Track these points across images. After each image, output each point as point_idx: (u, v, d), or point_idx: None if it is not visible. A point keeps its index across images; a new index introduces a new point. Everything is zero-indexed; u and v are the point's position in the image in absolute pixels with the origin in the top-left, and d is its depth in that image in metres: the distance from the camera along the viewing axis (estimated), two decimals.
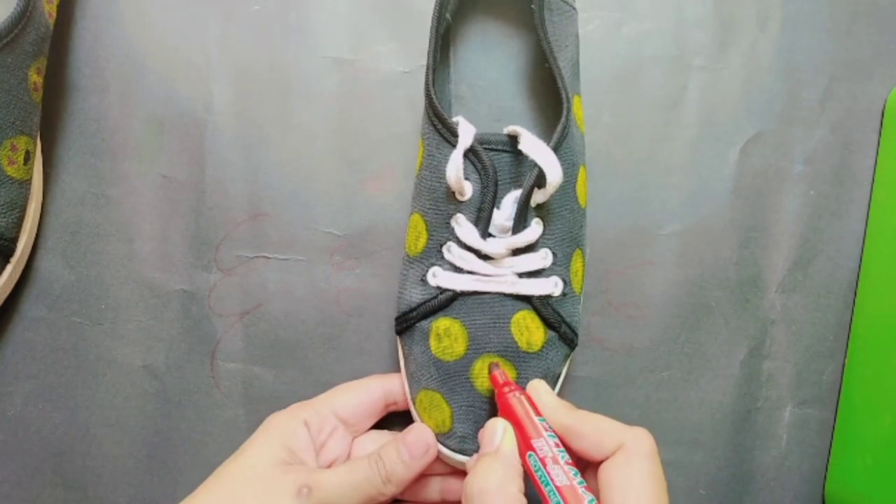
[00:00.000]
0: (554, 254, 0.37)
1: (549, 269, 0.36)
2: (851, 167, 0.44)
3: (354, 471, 0.34)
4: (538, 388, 0.34)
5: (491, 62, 0.42)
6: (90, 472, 0.41)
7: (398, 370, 0.42)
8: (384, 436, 0.39)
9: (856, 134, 0.44)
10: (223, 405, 0.42)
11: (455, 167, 0.34)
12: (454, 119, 0.36)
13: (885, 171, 0.43)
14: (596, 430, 0.32)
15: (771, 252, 0.43)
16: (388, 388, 0.39)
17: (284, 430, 0.36)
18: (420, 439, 0.35)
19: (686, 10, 0.44)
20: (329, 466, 0.37)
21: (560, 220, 0.37)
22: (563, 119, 0.36)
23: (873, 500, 0.39)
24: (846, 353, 0.43)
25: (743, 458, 0.43)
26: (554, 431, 0.32)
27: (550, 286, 0.36)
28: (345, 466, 0.35)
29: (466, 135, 0.34)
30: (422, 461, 0.35)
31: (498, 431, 0.32)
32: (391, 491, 0.34)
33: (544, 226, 0.36)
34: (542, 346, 0.37)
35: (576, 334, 0.38)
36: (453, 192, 0.35)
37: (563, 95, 0.36)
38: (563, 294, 0.37)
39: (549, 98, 0.41)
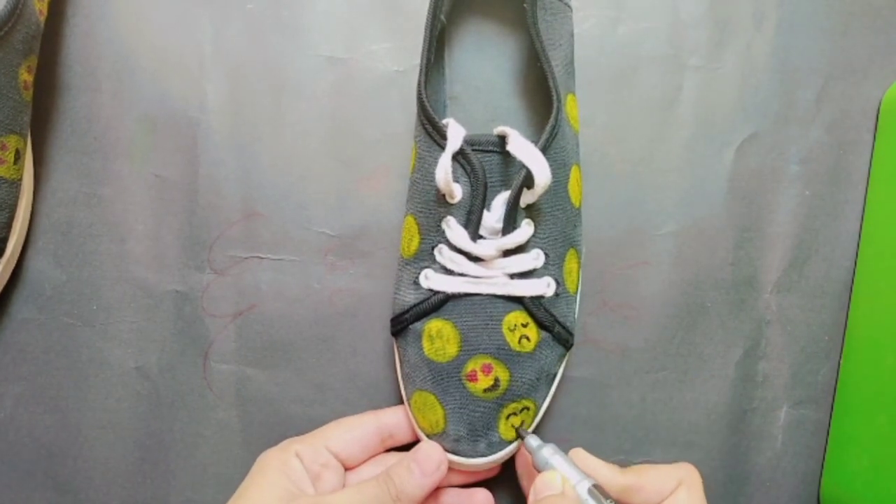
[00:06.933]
0: (546, 254, 0.36)
1: (541, 269, 0.36)
2: (847, 167, 0.44)
3: (363, 491, 0.34)
4: (581, 454, 0.36)
5: (485, 62, 0.42)
6: (82, 474, 0.41)
7: (392, 370, 0.41)
8: (379, 466, 0.38)
9: (851, 134, 0.44)
10: (216, 406, 0.42)
11: (444, 170, 0.34)
12: (445, 121, 0.36)
13: (880, 171, 0.43)
14: (655, 479, 0.35)
15: (766, 252, 0.43)
16: (382, 422, 0.38)
17: (279, 463, 0.35)
18: (431, 456, 0.35)
19: (682, 10, 0.44)
20: None
21: (551, 221, 0.37)
22: (551, 119, 0.36)
23: (869, 501, 0.39)
24: (841, 353, 0.43)
25: (738, 459, 0.43)
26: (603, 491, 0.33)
27: (542, 287, 0.36)
28: (353, 488, 0.35)
29: (455, 137, 0.34)
30: (433, 478, 0.35)
31: (556, 479, 0.33)
32: None
33: (535, 226, 0.36)
34: (536, 347, 0.36)
35: (571, 334, 0.38)
36: (443, 195, 0.35)
37: (554, 95, 0.36)
38: (556, 294, 0.37)
39: (544, 97, 0.41)
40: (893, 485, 0.37)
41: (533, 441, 0.35)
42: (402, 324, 0.37)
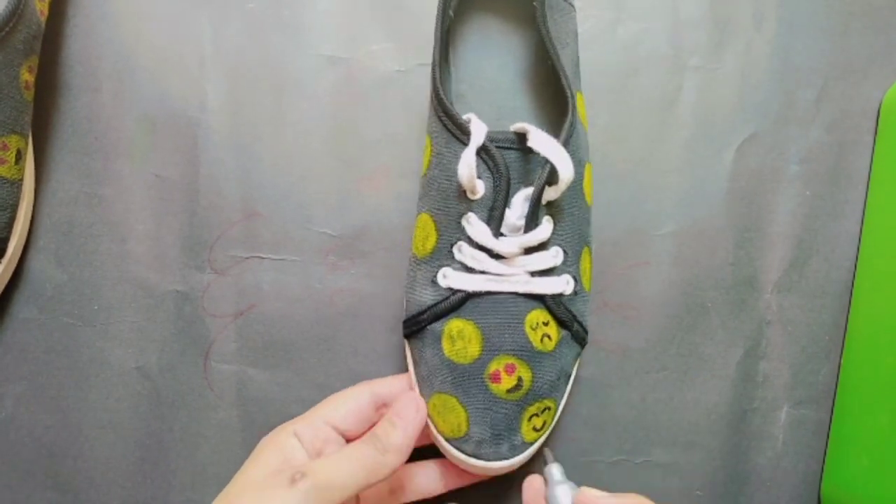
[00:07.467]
0: (565, 252, 0.36)
1: (561, 267, 0.36)
2: (847, 167, 0.44)
3: (350, 449, 0.34)
4: (592, 495, 0.34)
5: (491, 61, 0.42)
6: (82, 474, 0.41)
7: (394, 370, 0.41)
8: None
9: (851, 134, 0.44)
10: (216, 407, 0.42)
11: (468, 166, 0.33)
12: (465, 116, 0.35)
13: (880, 171, 0.43)
14: None
15: (766, 252, 0.43)
16: (376, 391, 0.38)
17: (277, 444, 0.35)
18: (408, 402, 0.35)
19: (682, 10, 0.44)
20: None
21: (570, 218, 0.36)
22: (569, 116, 0.35)
23: (869, 501, 0.39)
24: (842, 353, 0.43)
25: (739, 459, 0.43)
26: None
27: (563, 284, 0.36)
28: (340, 451, 0.34)
29: (479, 133, 0.34)
30: (414, 423, 0.35)
31: None
32: (392, 461, 0.34)
33: (554, 223, 0.36)
34: (556, 345, 0.36)
35: (587, 332, 0.38)
36: (464, 191, 0.35)
37: (568, 93, 0.36)
38: (574, 292, 0.36)
39: (550, 96, 0.41)
40: (893, 485, 0.37)
41: (556, 472, 0.34)
42: (419, 325, 0.36)
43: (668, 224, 0.43)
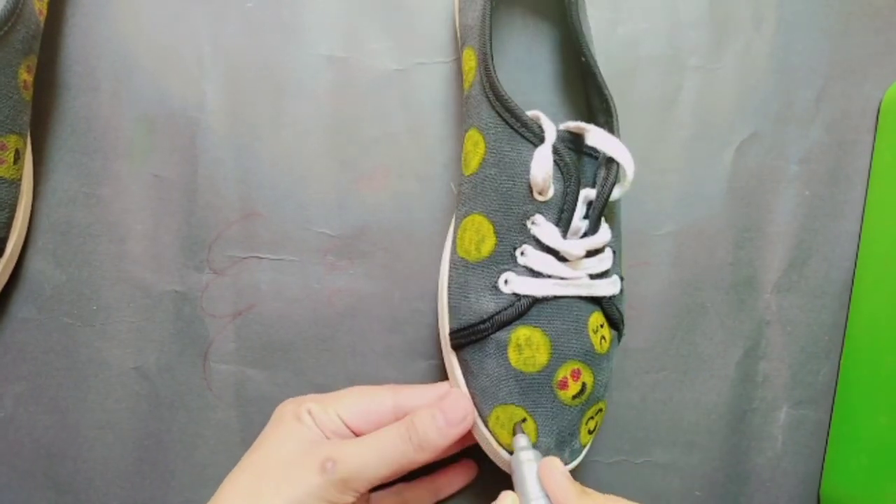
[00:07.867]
0: (613, 252, 0.35)
1: (612, 268, 0.35)
2: (846, 167, 0.44)
3: (383, 439, 0.33)
4: (553, 465, 0.32)
5: (515, 55, 0.41)
6: (81, 474, 0.41)
7: (392, 371, 0.41)
8: None
9: (851, 134, 0.44)
10: (215, 407, 0.42)
11: (545, 165, 0.32)
12: (532, 113, 0.34)
13: (879, 171, 0.43)
14: None
15: (766, 252, 0.43)
16: (400, 402, 0.36)
17: (294, 416, 0.35)
18: (458, 405, 0.34)
19: (681, 11, 0.44)
20: None
21: (615, 219, 0.36)
22: (614, 115, 0.35)
23: (868, 501, 0.39)
24: (841, 353, 0.43)
25: (738, 459, 0.43)
26: None
27: (615, 286, 0.35)
28: (371, 436, 0.33)
29: (551, 131, 0.33)
30: (459, 428, 0.34)
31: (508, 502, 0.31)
32: (423, 458, 0.33)
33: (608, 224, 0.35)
34: (610, 347, 0.36)
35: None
36: (530, 192, 0.34)
37: (607, 93, 0.36)
38: (621, 291, 0.36)
39: (573, 95, 0.40)
40: (893, 485, 0.37)
41: (522, 440, 0.33)
42: (480, 334, 0.34)
43: (668, 224, 0.43)
